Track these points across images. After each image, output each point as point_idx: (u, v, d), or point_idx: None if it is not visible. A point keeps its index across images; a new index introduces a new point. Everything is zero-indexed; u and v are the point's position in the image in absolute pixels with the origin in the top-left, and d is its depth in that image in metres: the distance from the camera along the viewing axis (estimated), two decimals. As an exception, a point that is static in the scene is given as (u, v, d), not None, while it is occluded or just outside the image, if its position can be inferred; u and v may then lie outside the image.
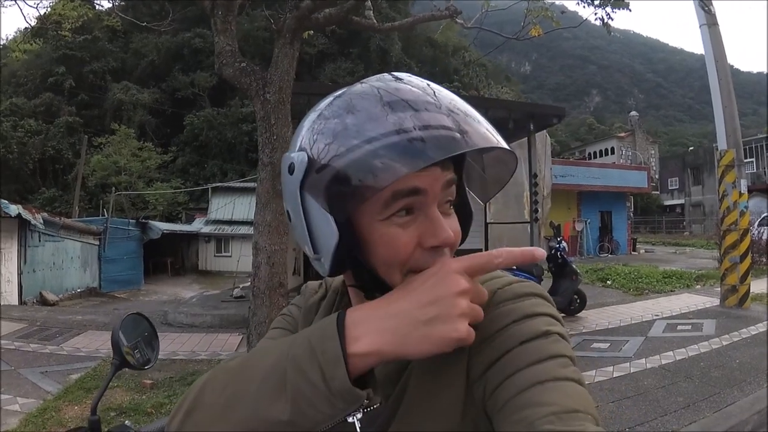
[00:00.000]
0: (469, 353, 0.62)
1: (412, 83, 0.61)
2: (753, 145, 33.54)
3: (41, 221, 13.65)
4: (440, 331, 0.52)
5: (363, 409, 0.53)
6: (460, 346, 0.53)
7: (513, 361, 0.58)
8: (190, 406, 0.60)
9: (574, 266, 8.04)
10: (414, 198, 0.60)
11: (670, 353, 5.75)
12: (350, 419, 0.53)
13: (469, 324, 0.53)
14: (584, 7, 7.00)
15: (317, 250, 0.64)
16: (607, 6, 6.80)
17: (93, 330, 7.81)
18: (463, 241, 0.71)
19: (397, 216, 0.60)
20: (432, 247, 0.61)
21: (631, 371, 5.21)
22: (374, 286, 0.64)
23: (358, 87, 0.63)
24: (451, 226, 0.63)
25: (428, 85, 0.62)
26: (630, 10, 6.80)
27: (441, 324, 0.52)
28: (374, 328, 0.53)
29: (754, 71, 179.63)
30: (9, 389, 4.94)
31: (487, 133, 0.59)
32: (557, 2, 8.40)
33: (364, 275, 0.64)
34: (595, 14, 6.90)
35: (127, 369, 1.28)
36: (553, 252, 8.13)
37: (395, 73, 0.64)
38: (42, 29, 13.41)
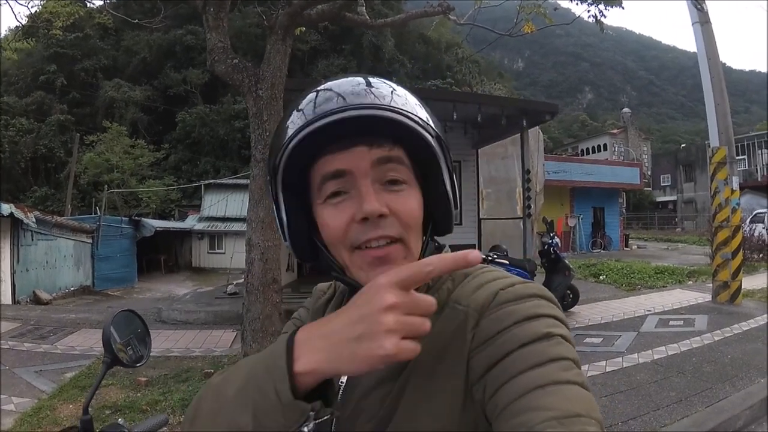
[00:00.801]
0: (470, 354, 0.62)
1: (380, 87, 0.67)
2: (745, 143, 33.62)
3: (34, 220, 13.58)
4: (366, 349, 0.51)
5: (314, 420, 0.55)
6: (395, 362, 0.51)
7: (513, 363, 0.57)
8: (192, 415, 0.64)
9: (566, 262, 8.05)
10: (341, 179, 0.67)
11: (663, 348, 5.80)
12: (304, 429, 0.55)
13: (408, 338, 0.51)
14: (577, 4, 6.99)
15: (285, 237, 0.74)
16: (599, 3, 6.81)
17: (87, 328, 7.79)
18: (447, 229, 0.74)
19: (331, 198, 0.68)
20: (363, 219, 0.64)
21: (624, 366, 5.25)
22: (328, 266, 0.73)
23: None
24: (392, 200, 0.66)
25: (393, 90, 0.68)
26: (623, 8, 6.80)
27: (367, 342, 0.51)
28: (310, 348, 0.55)
29: (746, 69, 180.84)
30: (4, 389, 4.92)
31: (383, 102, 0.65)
32: (550, -1, 8.39)
33: (320, 258, 0.74)
34: (588, 11, 6.90)
35: (121, 367, 1.28)
36: (546, 247, 8.15)
37: (370, 78, 0.69)
38: (33, 28, 13.27)
